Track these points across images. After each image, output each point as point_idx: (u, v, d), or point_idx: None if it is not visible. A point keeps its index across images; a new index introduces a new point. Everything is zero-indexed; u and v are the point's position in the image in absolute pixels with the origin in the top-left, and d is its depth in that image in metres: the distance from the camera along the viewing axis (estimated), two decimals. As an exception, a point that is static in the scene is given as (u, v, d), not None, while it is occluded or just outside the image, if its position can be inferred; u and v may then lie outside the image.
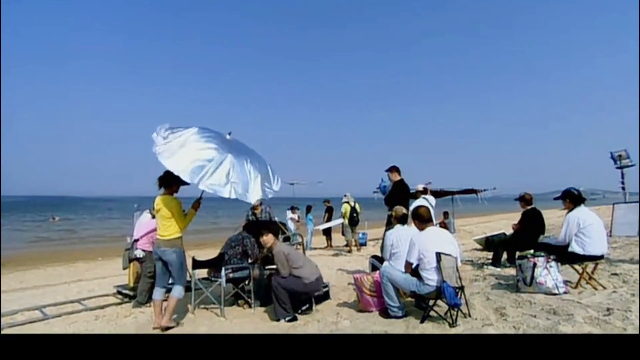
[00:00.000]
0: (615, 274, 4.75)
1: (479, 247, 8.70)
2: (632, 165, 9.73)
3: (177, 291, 3.95)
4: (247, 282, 4.86)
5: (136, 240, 5.18)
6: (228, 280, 4.67)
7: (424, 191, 6.52)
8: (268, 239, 4.44)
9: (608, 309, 3.40)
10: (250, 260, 4.96)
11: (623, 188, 9.88)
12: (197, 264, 4.98)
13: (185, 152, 3.80)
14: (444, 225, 9.59)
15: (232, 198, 3.81)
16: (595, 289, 4.27)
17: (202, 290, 4.65)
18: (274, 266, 5.19)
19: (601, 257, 4.47)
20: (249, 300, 4.70)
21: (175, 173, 3.69)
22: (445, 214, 11.45)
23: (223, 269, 4.59)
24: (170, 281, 4.03)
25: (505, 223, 7.70)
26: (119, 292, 5.62)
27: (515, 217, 6.32)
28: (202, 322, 4.29)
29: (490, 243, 7.57)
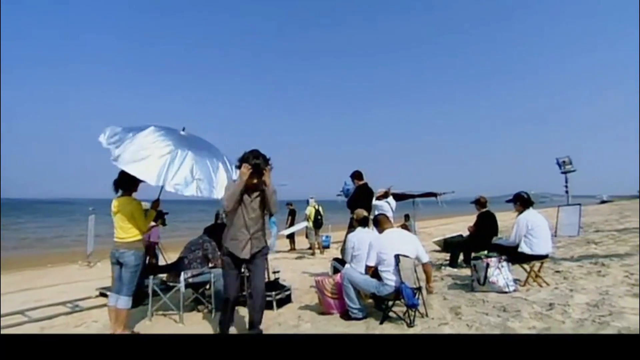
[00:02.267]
0: (558, 272, 5.09)
1: (438, 248, 9.02)
2: (574, 171, 10.47)
3: (123, 302, 3.73)
4: (207, 287, 4.75)
5: None
6: (188, 286, 4.55)
7: (385, 194, 6.69)
8: None
9: (550, 304, 3.65)
10: (211, 265, 4.86)
11: (567, 192, 10.61)
12: (154, 269, 4.82)
13: (145, 154, 3.64)
14: (405, 227, 9.85)
15: (196, 196, 3.71)
16: (541, 286, 4.55)
17: (159, 296, 4.51)
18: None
19: (546, 256, 4.79)
20: (209, 305, 4.60)
21: (139, 177, 3.55)
22: (407, 217, 11.76)
23: (182, 273, 4.47)
24: (116, 290, 3.78)
25: (463, 225, 8.05)
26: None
27: (473, 219, 6.62)
28: (159, 328, 4.16)
29: (449, 244, 7.86)
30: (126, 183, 3.83)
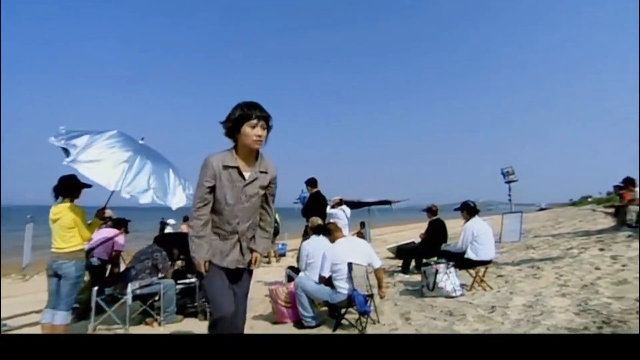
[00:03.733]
0: (500, 276, 5.41)
1: (392, 255, 9.26)
2: (516, 180, 11.23)
3: (61, 317, 3.45)
4: (156, 299, 4.56)
5: (91, 249, 4.77)
6: (135, 297, 4.34)
7: (340, 202, 6.80)
8: None
9: (492, 307, 3.87)
10: (160, 275, 4.67)
11: (510, 200, 11.35)
12: (98, 281, 4.55)
13: (103, 158, 3.53)
14: (360, 235, 10.03)
15: (152, 203, 3.63)
16: (485, 290, 4.82)
17: (104, 310, 4.25)
18: (186, 280, 4.97)
19: (490, 261, 5.09)
20: (158, 317, 4.42)
21: (97, 182, 3.40)
22: (362, 224, 12.00)
23: (130, 284, 4.26)
24: (52, 305, 3.49)
25: (417, 232, 8.35)
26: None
27: (426, 226, 6.89)
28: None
29: (402, 251, 8.11)
30: (68, 188, 3.59)
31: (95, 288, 4.33)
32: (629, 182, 8.18)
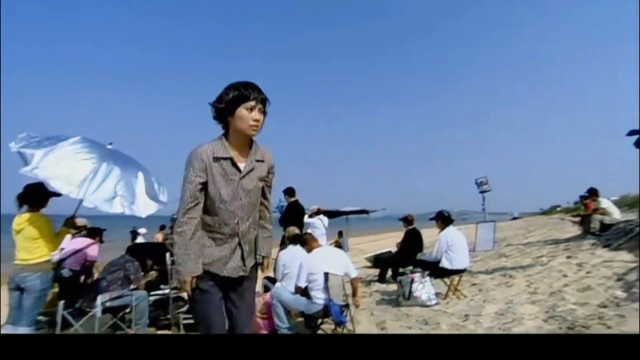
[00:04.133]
0: (474, 284, 5.54)
1: (369, 264, 9.31)
2: (490, 191, 11.57)
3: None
4: (128, 311, 4.42)
5: (62, 260, 4.52)
6: (105, 310, 4.19)
7: (318, 212, 6.82)
8: None
9: (466, 315, 3.95)
10: (132, 286, 4.54)
11: (483, 209, 11.67)
12: (65, 294, 4.37)
13: (65, 165, 3.37)
14: (338, 244, 10.06)
15: (120, 213, 3.50)
16: (459, 298, 4.91)
17: (71, 324, 4.08)
18: (160, 292, 4.85)
19: (464, 270, 5.20)
20: (129, 330, 4.27)
21: (58, 190, 3.25)
22: (340, 234, 12.02)
23: (99, 297, 4.11)
24: (13, 320, 3.30)
25: (394, 241, 8.45)
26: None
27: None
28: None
29: (378, 260, 8.17)
30: (33, 197, 3.45)
31: (62, 301, 4.16)
32: (593, 193, 8.56)
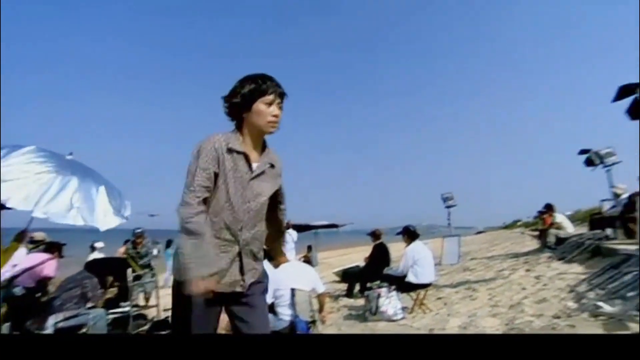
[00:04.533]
0: (440, 298, 5.65)
1: (337, 279, 9.31)
2: (455, 205, 11.93)
3: None
4: (84, 331, 4.18)
5: (15, 277, 4.26)
6: (58, 331, 3.95)
7: (287, 226, 6.78)
8: None
9: (430, 329, 4.02)
10: (90, 304, 4.32)
11: (449, 224, 12.01)
12: (14, 314, 4.09)
13: (16, 176, 3.19)
14: (307, 258, 10.01)
15: (77, 224, 3.33)
16: (424, 312, 5.00)
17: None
18: (119, 309, 4.63)
19: (430, 284, 5.31)
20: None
21: (7, 202, 3.06)
22: (309, 248, 12.00)
23: (51, 317, 3.87)
24: None
25: (362, 255, 8.49)
26: None
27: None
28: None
29: (347, 275, 8.20)
30: None
31: (7, 323, 3.88)
32: (549, 208, 9.04)
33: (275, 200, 1.82)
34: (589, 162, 8.78)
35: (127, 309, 4.57)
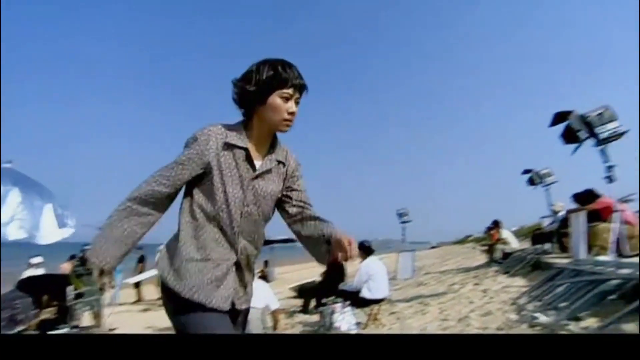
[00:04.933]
0: (393, 313, 5.76)
1: (294, 294, 9.22)
2: (410, 221, 12.31)
3: None
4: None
5: None
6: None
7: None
8: None
9: (382, 345, 4.08)
10: (20, 328, 3.96)
11: (404, 239, 12.35)
12: None
13: None
14: (263, 274, 9.83)
15: (17, 239, 3.08)
16: (378, 327, 5.06)
17: None
18: (56, 332, 4.29)
19: (383, 299, 5.40)
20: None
21: None
22: (266, 263, 11.83)
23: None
24: None
25: (319, 270, 8.46)
26: None
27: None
28: None
29: (303, 291, 8.15)
30: None
31: None
32: (496, 224, 9.57)
33: (297, 204, 1.54)
34: (531, 182, 9.45)
35: (65, 330, 4.24)
